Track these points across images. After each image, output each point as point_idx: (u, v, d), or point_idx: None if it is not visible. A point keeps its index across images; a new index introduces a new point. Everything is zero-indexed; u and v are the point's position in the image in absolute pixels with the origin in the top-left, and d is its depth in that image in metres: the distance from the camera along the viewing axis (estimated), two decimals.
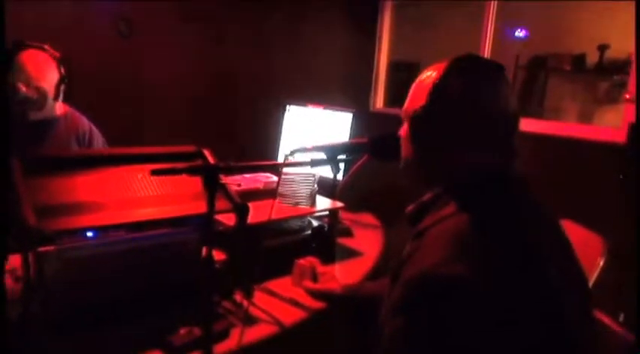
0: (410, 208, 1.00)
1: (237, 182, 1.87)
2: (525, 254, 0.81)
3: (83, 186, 1.38)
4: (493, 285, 0.75)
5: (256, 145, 3.08)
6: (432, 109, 0.91)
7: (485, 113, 0.89)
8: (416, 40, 4.78)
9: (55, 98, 1.96)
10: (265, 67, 3.80)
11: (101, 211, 1.35)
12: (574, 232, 1.00)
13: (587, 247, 1.56)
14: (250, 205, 1.23)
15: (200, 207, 1.50)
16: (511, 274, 0.77)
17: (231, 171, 1.23)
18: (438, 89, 0.90)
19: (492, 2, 3.15)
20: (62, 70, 1.95)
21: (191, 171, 1.23)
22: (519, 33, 4.88)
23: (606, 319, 1.20)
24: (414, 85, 1.00)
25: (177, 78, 3.43)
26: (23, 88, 1.75)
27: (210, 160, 1.54)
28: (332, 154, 1.15)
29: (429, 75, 0.95)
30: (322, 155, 1.22)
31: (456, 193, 0.90)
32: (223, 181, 1.24)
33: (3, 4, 1.22)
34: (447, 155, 0.92)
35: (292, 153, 1.15)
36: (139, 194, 1.46)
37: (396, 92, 4.29)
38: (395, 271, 0.89)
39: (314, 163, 1.23)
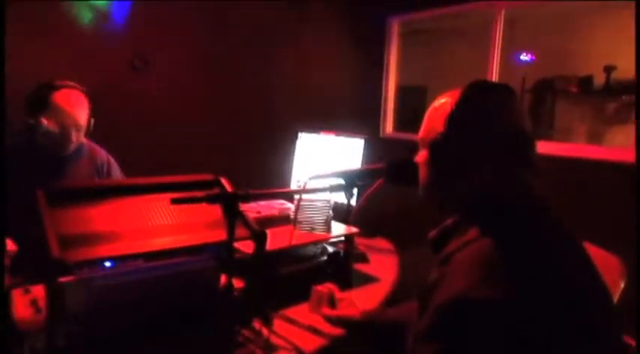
0: (432, 233, 1.01)
1: (257, 210, 1.89)
2: (553, 275, 0.81)
3: (103, 216, 1.41)
4: (523, 307, 0.75)
5: (268, 172, 3.11)
6: (450, 136, 0.93)
7: (502, 136, 0.91)
8: (423, 64, 4.86)
9: (86, 134, 2.01)
10: (276, 95, 3.86)
11: (120, 241, 1.37)
12: (592, 253, 1.00)
13: (607, 269, 1.55)
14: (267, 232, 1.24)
15: (217, 235, 1.53)
16: (540, 295, 0.78)
17: (250, 199, 1.24)
18: (455, 116, 0.93)
19: (498, 27, 3.20)
20: (91, 106, 2.00)
21: (211, 199, 1.25)
22: (525, 56, 4.95)
23: (631, 341, 1.18)
24: (429, 112, 1.03)
25: (189, 108, 3.50)
26: (45, 122, 1.80)
27: (228, 188, 1.56)
28: (350, 179, 1.17)
29: (445, 102, 0.98)
30: (339, 181, 1.23)
31: (478, 216, 0.90)
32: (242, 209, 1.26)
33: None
34: (466, 180, 0.94)
35: (310, 179, 1.17)
36: (157, 223, 1.48)
37: (405, 117, 4.33)
38: (423, 298, 0.89)
39: (332, 189, 1.24)
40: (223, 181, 1.60)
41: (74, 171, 2.04)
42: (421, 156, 1.03)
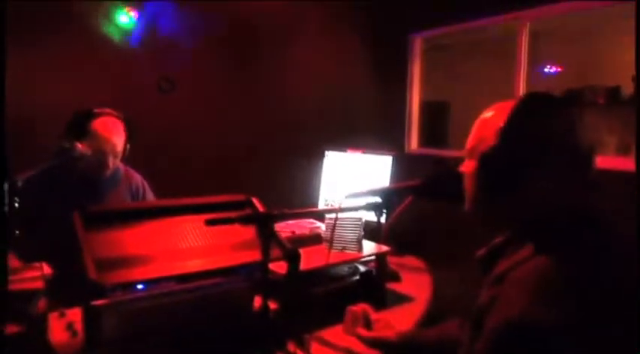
0: (481, 252, 0.97)
1: (290, 230, 1.88)
2: (614, 298, 0.77)
3: (137, 238, 1.42)
4: (583, 331, 0.71)
5: (295, 192, 3.10)
6: (504, 148, 0.90)
7: (559, 150, 0.88)
8: (445, 80, 4.83)
9: (122, 159, 2.07)
10: (301, 114, 3.88)
11: (154, 263, 1.37)
12: None
13: None
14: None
15: (249, 255, 1.52)
16: (601, 319, 0.74)
17: (285, 218, 1.23)
18: (509, 128, 0.90)
19: (524, 40, 3.17)
20: (128, 132, 2.06)
21: (245, 220, 1.24)
22: (550, 69, 4.89)
23: None
24: (479, 122, 1.00)
25: (216, 129, 3.54)
26: (79, 146, 1.83)
27: (260, 208, 1.55)
28: (387, 197, 1.15)
29: (498, 113, 0.95)
30: (375, 199, 1.21)
31: (532, 233, 0.87)
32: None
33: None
34: (519, 194, 0.90)
35: (346, 198, 1.15)
36: (190, 245, 1.48)
37: (429, 132, 4.30)
38: (475, 320, 0.85)
39: (368, 207, 1.22)
40: (255, 201, 1.59)
41: (110, 195, 2.08)
42: (468, 166, 1.00)
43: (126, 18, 3.13)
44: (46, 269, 1.55)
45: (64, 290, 1.51)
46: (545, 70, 4.86)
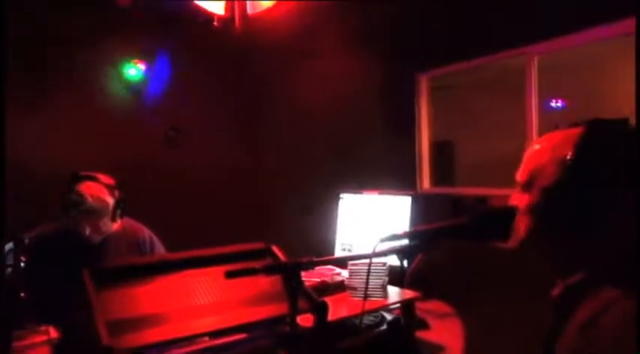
0: (556, 291, 0.90)
1: (314, 278, 1.77)
2: None
3: (150, 296, 1.33)
4: None
5: (310, 238, 3.00)
6: (577, 181, 0.83)
7: (630, 179, 0.81)
8: (448, 119, 4.83)
9: (113, 220, 2.03)
10: (313, 159, 3.83)
11: (169, 323, 1.28)
12: None
13: None
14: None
15: (270, 309, 1.41)
16: None
17: (313, 267, 1.14)
18: (577, 160, 0.84)
19: (533, 74, 3.15)
20: (117, 195, 2.03)
21: (271, 270, 1.15)
22: (556, 103, 4.88)
23: None
24: (532, 154, 0.94)
25: (226, 177, 3.49)
26: (89, 198, 1.80)
27: (281, 256, 1.46)
28: (428, 238, 1.05)
29: (553, 144, 0.90)
30: (410, 242, 1.12)
31: (618, 271, 0.80)
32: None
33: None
34: (593, 231, 0.83)
35: (382, 241, 1.06)
36: (206, 301, 1.39)
37: (437, 172, 4.24)
38: None
39: (403, 251, 1.12)
40: (275, 249, 1.50)
41: (113, 251, 2.04)
42: (522, 200, 0.93)
43: (134, 71, 3.15)
44: (53, 333, 1.45)
45: None
46: (552, 104, 4.85)
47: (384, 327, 1.72)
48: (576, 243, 0.86)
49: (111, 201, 2.00)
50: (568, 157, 0.84)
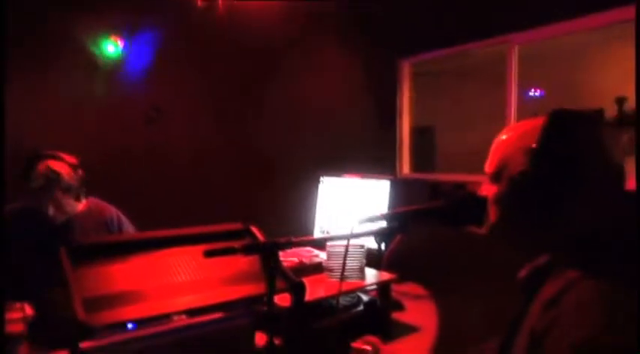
0: (522, 273, 0.93)
1: (292, 258, 1.79)
2: None
3: (128, 273, 1.32)
4: None
5: (291, 218, 3.01)
6: (541, 170, 0.86)
7: (593, 167, 0.85)
8: (429, 105, 4.87)
9: (77, 199, 2.01)
10: (294, 139, 3.83)
11: (147, 301, 1.27)
12: None
13: None
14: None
15: (247, 288, 1.42)
16: None
17: (292, 247, 1.15)
18: (544, 149, 0.86)
19: (514, 62, 3.19)
20: (79, 174, 2.00)
21: (249, 250, 1.15)
22: (534, 93, 4.95)
23: None
24: (499, 145, 0.97)
25: (206, 156, 3.46)
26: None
27: (260, 237, 1.47)
28: (405, 220, 1.07)
29: (519, 134, 0.93)
30: (387, 224, 1.14)
31: (577, 255, 0.84)
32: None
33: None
34: (562, 215, 0.87)
35: (361, 223, 1.08)
36: (184, 279, 1.38)
37: (417, 157, 4.28)
38: (531, 344, 0.81)
39: (380, 233, 1.14)
40: (254, 229, 1.50)
41: (79, 230, 2.01)
42: (490, 190, 0.96)
43: (113, 48, 3.07)
44: (28, 310, 1.44)
45: (47, 332, 1.40)
46: (531, 93, 4.92)
47: (361, 308, 1.76)
48: (541, 229, 0.90)
49: (74, 180, 1.98)
50: (533, 145, 0.87)
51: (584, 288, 0.77)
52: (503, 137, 0.96)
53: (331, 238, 1.51)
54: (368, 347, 1.42)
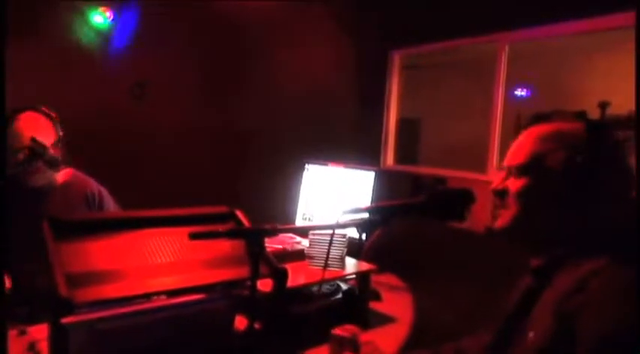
0: (537, 262, 1.00)
1: (274, 245, 1.80)
2: None
3: (111, 251, 1.31)
4: None
5: (274, 204, 3.02)
6: (581, 169, 0.94)
7: (617, 171, 0.95)
8: (416, 98, 4.89)
9: (55, 160, 1.87)
10: (281, 125, 3.82)
11: (129, 279, 1.27)
12: None
13: None
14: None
15: (229, 272, 1.43)
16: None
17: (277, 233, 1.16)
18: (586, 149, 0.95)
19: (503, 61, 3.22)
20: (59, 132, 1.89)
21: (234, 234, 1.16)
22: (521, 92, 5.01)
23: None
24: (532, 139, 1.02)
25: (191, 138, 3.43)
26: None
27: (245, 221, 1.47)
28: (387, 214, 1.09)
29: (558, 131, 1.00)
30: (370, 216, 1.15)
31: (606, 243, 0.91)
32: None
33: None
34: (585, 212, 0.95)
35: (345, 213, 1.09)
36: (167, 260, 1.38)
37: (401, 149, 4.31)
38: (564, 330, 0.85)
39: (363, 225, 1.16)
40: (239, 214, 1.51)
41: (59, 203, 1.91)
42: (516, 184, 1.02)
43: (100, 18, 3.00)
44: (7, 282, 1.43)
45: (25, 306, 1.39)
46: (517, 93, 4.97)
47: (339, 296, 1.78)
48: (564, 223, 0.97)
49: (53, 136, 1.86)
50: (580, 144, 0.95)
51: (612, 275, 0.83)
52: (538, 133, 1.02)
53: (316, 227, 1.52)
54: (347, 334, 1.45)
